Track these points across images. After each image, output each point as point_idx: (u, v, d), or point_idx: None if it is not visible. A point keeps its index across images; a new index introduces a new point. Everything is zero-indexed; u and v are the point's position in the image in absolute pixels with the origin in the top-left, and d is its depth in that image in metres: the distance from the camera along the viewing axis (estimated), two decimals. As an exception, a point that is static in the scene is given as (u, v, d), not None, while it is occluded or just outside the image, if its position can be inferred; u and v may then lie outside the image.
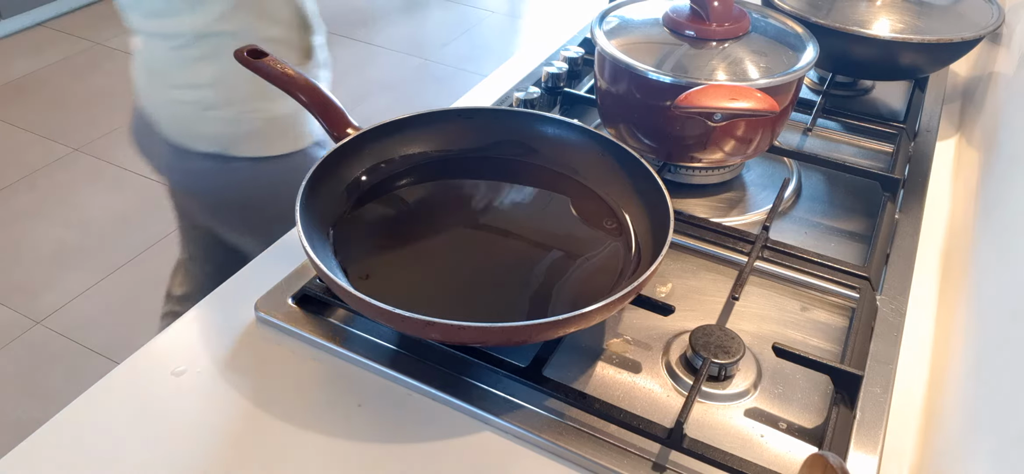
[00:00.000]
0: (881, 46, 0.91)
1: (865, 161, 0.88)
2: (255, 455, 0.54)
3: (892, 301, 0.66)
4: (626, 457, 0.53)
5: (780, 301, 0.68)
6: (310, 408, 0.57)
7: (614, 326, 0.65)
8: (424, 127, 0.74)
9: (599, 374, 0.60)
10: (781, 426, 0.57)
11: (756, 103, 0.66)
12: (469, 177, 0.74)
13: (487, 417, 0.56)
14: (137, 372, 0.59)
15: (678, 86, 0.70)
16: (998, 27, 0.91)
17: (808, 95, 1.00)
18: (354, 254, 0.64)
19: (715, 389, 0.59)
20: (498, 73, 1.02)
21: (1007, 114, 0.82)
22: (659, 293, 0.68)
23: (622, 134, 0.80)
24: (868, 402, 0.57)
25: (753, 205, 0.80)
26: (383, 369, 0.59)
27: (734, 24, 0.77)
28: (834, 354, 0.63)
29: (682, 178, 0.81)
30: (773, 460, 0.54)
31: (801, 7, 0.94)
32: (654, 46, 0.77)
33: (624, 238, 0.67)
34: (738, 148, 0.76)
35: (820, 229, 0.78)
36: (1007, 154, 0.74)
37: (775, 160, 0.87)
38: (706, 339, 0.60)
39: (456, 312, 0.59)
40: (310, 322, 0.62)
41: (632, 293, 0.55)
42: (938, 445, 0.53)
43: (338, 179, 0.68)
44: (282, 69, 0.71)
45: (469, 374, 0.58)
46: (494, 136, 0.75)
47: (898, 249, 0.73)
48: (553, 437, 0.54)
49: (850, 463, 0.52)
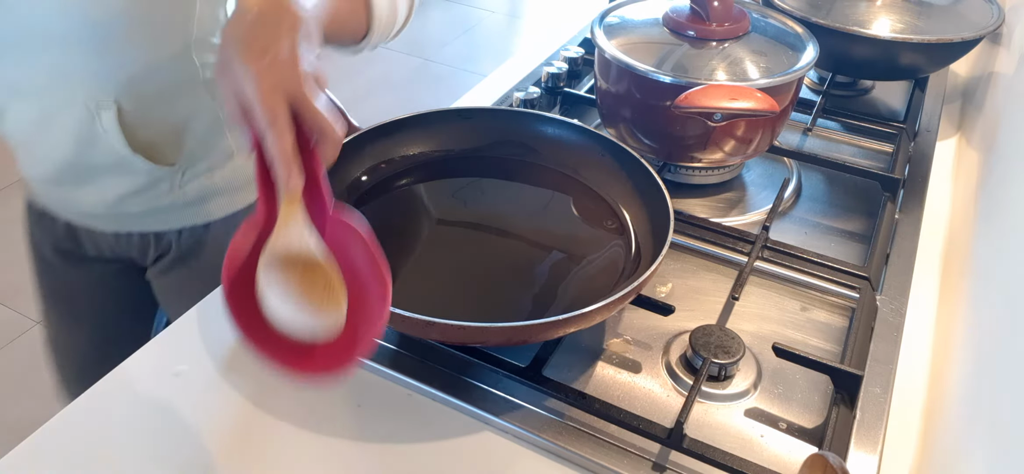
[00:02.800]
0: (881, 46, 0.91)
1: (865, 161, 0.88)
2: (255, 455, 0.54)
3: (892, 301, 0.66)
4: (626, 457, 0.53)
5: (780, 301, 0.68)
6: (310, 408, 0.57)
7: (614, 326, 0.65)
8: (424, 127, 0.74)
9: (599, 374, 0.60)
10: (781, 426, 0.57)
11: (756, 103, 0.66)
12: (469, 177, 0.74)
13: (487, 417, 0.56)
14: (137, 372, 0.59)
15: (678, 86, 0.70)
16: (998, 27, 0.91)
17: (808, 95, 1.00)
18: (354, 254, 0.63)
19: (715, 389, 0.59)
20: (498, 73, 1.02)
21: (1007, 114, 0.82)
22: (659, 293, 0.68)
23: (622, 134, 0.80)
24: (868, 402, 0.57)
25: (753, 205, 0.80)
26: (383, 369, 0.59)
27: (734, 24, 0.77)
28: (834, 354, 0.63)
29: (682, 178, 0.81)
30: (773, 460, 0.54)
31: (801, 7, 0.94)
32: (654, 46, 0.77)
33: (624, 238, 0.67)
34: (738, 148, 0.76)
35: (820, 229, 0.78)
36: (1007, 154, 0.74)
37: (775, 160, 0.87)
38: (706, 339, 0.60)
39: (456, 312, 0.59)
40: (310, 322, 0.62)
41: (632, 293, 0.55)
42: (938, 445, 0.53)
43: (338, 179, 0.68)
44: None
45: (469, 374, 0.58)
46: (494, 136, 0.75)
47: (898, 249, 0.73)
48: (553, 437, 0.54)
49: (850, 463, 0.52)
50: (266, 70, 0.47)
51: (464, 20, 3.46)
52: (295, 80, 0.48)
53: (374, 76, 2.99)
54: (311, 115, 0.48)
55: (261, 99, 0.46)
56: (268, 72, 0.47)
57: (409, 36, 3.29)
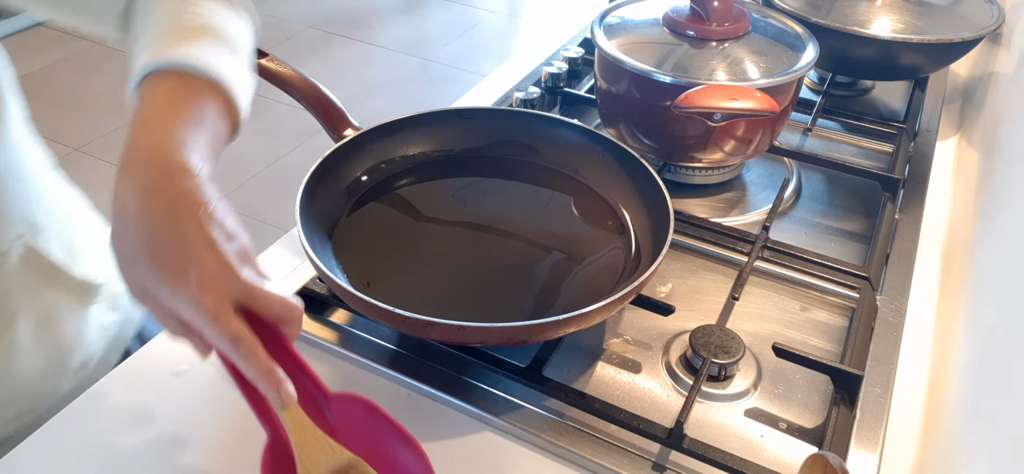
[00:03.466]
0: (881, 46, 0.91)
1: (865, 161, 0.88)
2: (255, 455, 0.53)
3: (892, 301, 0.66)
4: (626, 457, 0.53)
5: (780, 301, 0.68)
6: (310, 408, 0.56)
7: (614, 326, 0.65)
8: (424, 127, 0.74)
9: (599, 374, 0.60)
10: (781, 426, 0.57)
11: (756, 103, 0.66)
12: (469, 177, 0.74)
13: (487, 417, 0.56)
14: (137, 372, 0.59)
15: (678, 86, 0.70)
16: (998, 27, 0.91)
17: (808, 95, 1.00)
18: (354, 254, 0.63)
19: (715, 389, 0.59)
20: (498, 73, 1.02)
21: (1007, 114, 0.82)
22: (659, 293, 0.68)
23: (622, 134, 0.80)
24: (868, 402, 0.57)
25: (753, 205, 0.80)
26: (383, 369, 0.59)
27: (734, 24, 0.77)
28: (834, 354, 0.63)
29: (682, 178, 0.81)
30: (773, 460, 0.54)
31: (801, 7, 0.94)
32: (654, 46, 0.77)
33: (624, 238, 0.67)
34: (738, 148, 0.76)
35: (820, 229, 0.78)
36: (1007, 154, 0.74)
37: (775, 160, 0.87)
38: (706, 339, 0.60)
39: (456, 312, 0.59)
40: (310, 322, 0.62)
41: (632, 293, 0.55)
42: (938, 445, 0.53)
43: (338, 179, 0.68)
44: (280, 69, 0.71)
45: (469, 374, 0.58)
46: (494, 136, 0.75)
47: (898, 249, 0.73)
48: (553, 437, 0.54)
49: (850, 463, 0.52)
50: (200, 289, 0.40)
51: (464, 20, 3.46)
52: (233, 281, 0.41)
53: (374, 76, 2.99)
54: (264, 305, 0.42)
55: (212, 322, 0.40)
56: (203, 290, 0.40)
57: (409, 36, 3.30)
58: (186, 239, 0.41)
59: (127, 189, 0.43)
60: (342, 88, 2.79)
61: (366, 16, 3.44)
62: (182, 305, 0.41)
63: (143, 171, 0.43)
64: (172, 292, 0.41)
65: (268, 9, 3.44)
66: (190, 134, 0.46)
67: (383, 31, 3.32)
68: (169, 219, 0.42)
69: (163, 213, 0.42)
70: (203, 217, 0.42)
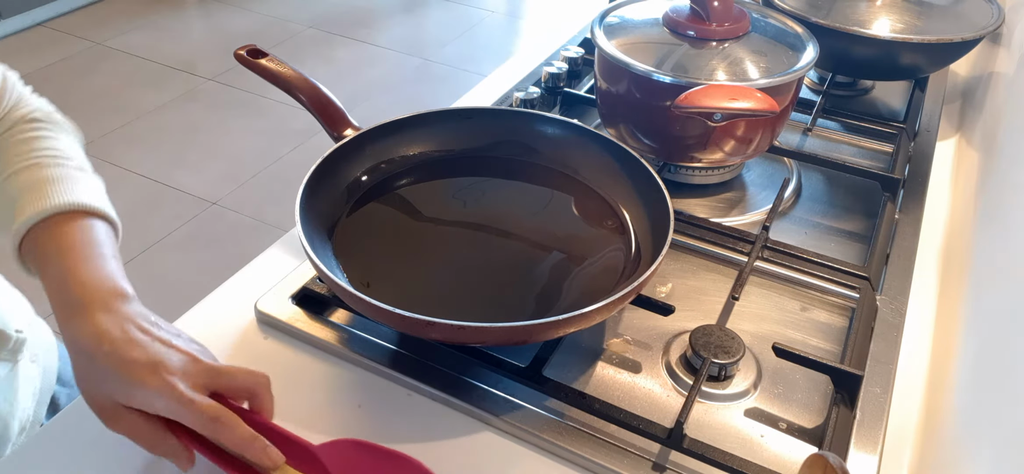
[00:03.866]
0: (881, 46, 0.91)
1: (865, 161, 0.88)
2: (255, 455, 0.54)
3: (892, 301, 0.66)
4: (626, 457, 0.53)
5: (780, 301, 0.68)
6: (310, 408, 0.57)
7: (614, 326, 0.65)
8: (424, 127, 0.74)
9: (599, 374, 0.60)
10: (781, 426, 0.57)
11: (756, 103, 0.66)
12: (469, 177, 0.74)
13: (487, 417, 0.56)
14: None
15: (678, 86, 0.70)
16: (998, 27, 0.91)
17: (808, 95, 1.00)
18: (354, 254, 0.63)
19: (715, 389, 0.59)
20: (498, 73, 1.02)
21: (1007, 114, 0.82)
22: (659, 293, 0.68)
23: (622, 134, 0.80)
24: (868, 402, 0.57)
25: (753, 205, 0.80)
26: (383, 369, 0.59)
27: (734, 24, 0.77)
28: (834, 354, 0.63)
29: (682, 178, 0.81)
30: (773, 460, 0.54)
31: (801, 7, 0.94)
32: (654, 46, 0.77)
33: (624, 238, 0.67)
34: (738, 148, 0.76)
35: (820, 229, 0.78)
36: (1007, 154, 0.74)
37: (775, 160, 0.87)
38: (706, 339, 0.60)
39: (456, 312, 0.59)
40: (310, 322, 0.62)
41: (632, 293, 0.55)
42: (938, 445, 0.53)
43: (338, 179, 0.68)
44: (281, 69, 0.71)
45: (469, 374, 0.58)
46: (494, 136, 0.75)
47: (898, 249, 0.73)
48: (553, 437, 0.54)
49: (850, 463, 0.52)
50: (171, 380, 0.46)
51: (464, 20, 3.46)
52: (198, 367, 0.47)
53: (374, 76, 2.99)
54: (231, 381, 0.48)
55: (188, 406, 0.45)
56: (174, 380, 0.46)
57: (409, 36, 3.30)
58: (147, 347, 0.47)
59: (79, 329, 0.48)
60: (342, 88, 2.79)
61: (366, 16, 3.44)
62: (158, 400, 0.46)
63: (87, 309, 0.48)
64: (146, 390, 0.45)
65: (268, 9, 3.44)
66: (108, 265, 0.52)
67: (383, 31, 3.32)
68: (126, 336, 0.47)
69: (119, 333, 0.47)
70: (153, 328, 0.49)
